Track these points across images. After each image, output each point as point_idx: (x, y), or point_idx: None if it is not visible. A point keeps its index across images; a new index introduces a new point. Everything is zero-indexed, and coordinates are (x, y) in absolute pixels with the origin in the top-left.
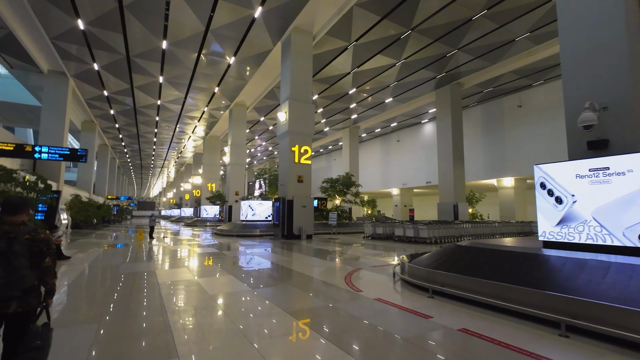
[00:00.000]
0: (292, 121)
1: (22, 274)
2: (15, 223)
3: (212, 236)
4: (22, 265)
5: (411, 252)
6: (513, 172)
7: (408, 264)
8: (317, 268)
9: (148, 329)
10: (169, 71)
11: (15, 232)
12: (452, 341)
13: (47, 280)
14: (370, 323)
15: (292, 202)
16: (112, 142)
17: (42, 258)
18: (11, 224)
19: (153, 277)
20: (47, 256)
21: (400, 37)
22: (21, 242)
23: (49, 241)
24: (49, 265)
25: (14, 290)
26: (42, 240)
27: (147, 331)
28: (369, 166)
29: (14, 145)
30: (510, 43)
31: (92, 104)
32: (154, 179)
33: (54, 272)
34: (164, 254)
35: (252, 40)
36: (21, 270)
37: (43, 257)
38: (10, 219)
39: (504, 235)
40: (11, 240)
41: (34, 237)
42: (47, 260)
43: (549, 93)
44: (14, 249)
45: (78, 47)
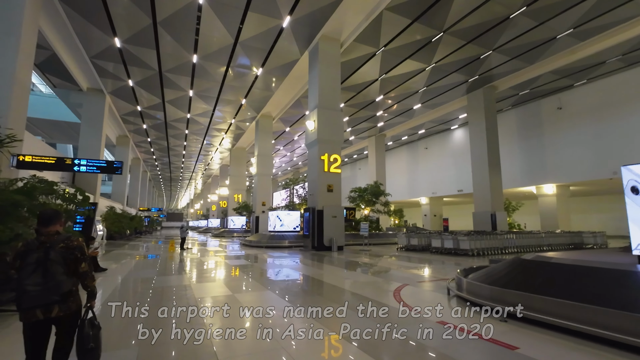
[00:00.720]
0: (321, 129)
1: (58, 280)
2: (49, 233)
3: (241, 247)
4: (57, 272)
5: (452, 264)
6: (554, 178)
7: (466, 280)
8: (360, 283)
9: (192, 356)
10: (199, 85)
11: (50, 241)
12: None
13: (87, 283)
14: (446, 355)
15: (322, 212)
16: (144, 155)
17: (78, 264)
18: (46, 235)
19: (189, 291)
20: (83, 261)
21: (432, 40)
22: (56, 250)
23: (82, 247)
24: (86, 270)
25: (53, 295)
26: (76, 247)
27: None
28: (395, 175)
29: (55, 159)
30: (551, 41)
31: (126, 119)
32: (182, 191)
33: (92, 275)
34: (196, 266)
35: (279, 50)
36: (57, 276)
37: (79, 263)
38: (45, 230)
39: (553, 247)
40: (47, 250)
41: (68, 245)
42: (84, 265)
43: (593, 93)
44: (50, 257)
45: (114, 64)
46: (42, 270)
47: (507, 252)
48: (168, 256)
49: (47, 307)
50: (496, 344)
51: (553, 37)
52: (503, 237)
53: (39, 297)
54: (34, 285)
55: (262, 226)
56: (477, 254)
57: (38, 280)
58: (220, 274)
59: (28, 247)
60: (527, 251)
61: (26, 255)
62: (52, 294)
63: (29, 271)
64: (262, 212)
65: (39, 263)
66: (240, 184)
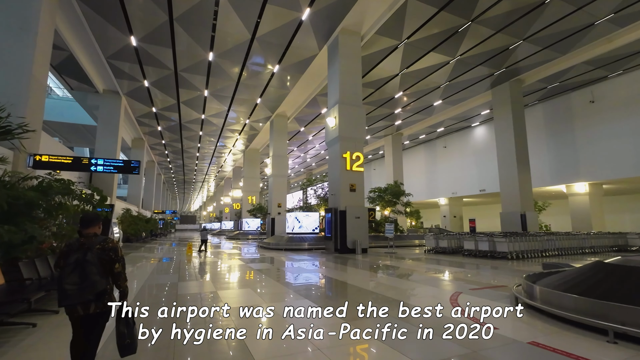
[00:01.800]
0: (342, 126)
1: (93, 280)
2: (89, 235)
3: (259, 250)
4: (92, 272)
5: (496, 269)
6: (587, 176)
7: (541, 288)
8: (405, 291)
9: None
10: (214, 84)
11: (89, 243)
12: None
13: (120, 283)
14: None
15: (345, 213)
16: (159, 158)
17: (112, 265)
18: (86, 236)
19: (217, 300)
20: (117, 262)
21: (458, 30)
22: (94, 251)
23: (117, 249)
24: (119, 271)
25: (88, 294)
26: (111, 248)
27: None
28: (412, 175)
29: (72, 158)
30: (588, 28)
31: (142, 121)
32: (195, 193)
33: (124, 276)
34: (218, 270)
35: (297, 45)
36: (92, 276)
37: (113, 263)
38: (86, 232)
39: (596, 249)
40: (85, 251)
41: (104, 247)
42: (117, 266)
43: (629, 84)
44: (87, 258)
45: (130, 64)
46: (79, 271)
47: (548, 255)
48: (186, 259)
49: (85, 305)
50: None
51: (591, 24)
52: (543, 239)
53: (75, 296)
54: (71, 285)
55: (278, 228)
56: (515, 257)
57: (75, 280)
58: (246, 280)
59: (70, 247)
60: (570, 254)
61: (68, 255)
62: (87, 293)
63: (68, 271)
64: (278, 213)
65: (77, 263)
66: (254, 185)
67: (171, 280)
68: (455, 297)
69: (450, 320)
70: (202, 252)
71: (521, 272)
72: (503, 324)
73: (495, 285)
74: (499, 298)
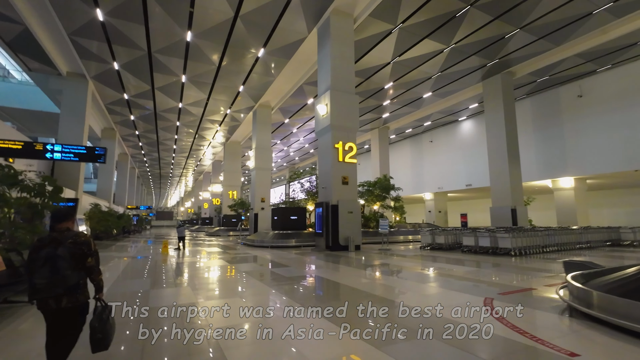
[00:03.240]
0: (334, 114)
1: (64, 274)
2: (61, 230)
3: (242, 248)
4: (63, 267)
5: (497, 266)
6: (574, 171)
7: (601, 295)
8: (430, 298)
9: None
10: (193, 68)
11: (60, 237)
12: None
13: (94, 277)
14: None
15: (337, 208)
16: (132, 150)
17: (85, 259)
18: (58, 231)
19: (197, 318)
20: (89, 256)
21: (456, 15)
22: (65, 246)
23: (89, 243)
24: (92, 265)
25: (58, 288)
26: (83, 242)
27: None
28: (398, 170)
29: (23, 144)
30: (586, 17)
31: (112, 109)
32: (172, 188)
33: (98, 270)
34: (198, 273)
35: (284, 27)
36: (63, 270)
37: (85, 257)
38: (58, 226)
39: (592, 245)
40: (56, 245)
41: (76, 241)
42: (90, 260)
43: (618, 79)
44: (57, 253)
45: (98, 43)
46: (50, 265)
47: (548, 251)
48: (162, 259)
49: (56, 299)
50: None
51: (589, 13)
52: (544, 234)
53: (45, 290)
54: (41, 279)
55: (262, 224)
56: (518, 254)
57: (46, 274)
58: (231, 286)
59: (41, 242)
60: (569, 249)
61: (39, 250)
62: (58, 286)
63: (38, 265)
64: (262, 209)
65: (48, 258)
66: (234, 180)
67: (142, 287)
68: (489, 304)
69: (512, 345)
70: (178, 249)
71: (535, 271)
72: (581, 347)
73: (525, 288)
74: (540, 305)
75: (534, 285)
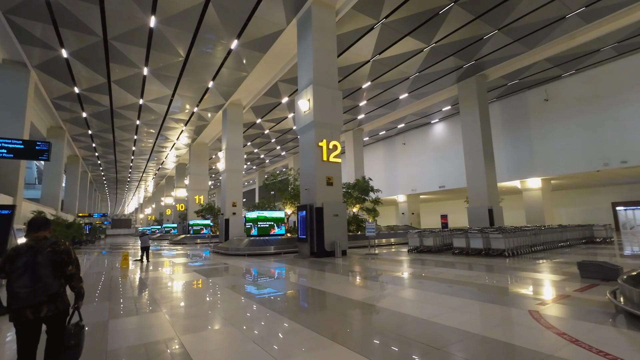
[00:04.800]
0: (317, 110)
1: (45, 282)
2: (38, 238)
3: (215, 257)
4: (44, 274)
5: (499, 269)
6: (541, 172)
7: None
8: (463, 314)
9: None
10: (156, 60)
11: (38, 246)
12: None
13: (74, 284)
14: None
15: (322, 210)
16: (84, 152)
17: (65, 267)
18: (35, 240)
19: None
20: (70, 264)
21: (439, 12)
22: (44, 254)
23: (69, 251)
24: (72, 272)
25: (40, 296)
26: (63, 251)
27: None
28: (371, 172)
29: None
30: (559, 21)
31: (60, 104)
32: (129, 194)
33: (79, 277)
34: (170, 292)
35: (261, 16)
36: (44, 278)
37: (66, 265)
38: (34, 235)
39: (570, 242)
40: (35, 253)
41: (55, 249)
42: (71, 267)
43: (581, 84)
44: (37, 261)
45: (42, 25)
46: (30, 273)
47: (536, 250)
48: (121, 275)
49: (36, 308)
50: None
51: (562, 17)
52: (532, 234)
53: (27, 298)
54: (22, 287)
55: (234, 230)
56: (511, 254)
57: (27, 283)
58: (218, 308)
59: (17, 251)
60: (553, 247)
61: (15, 259)
62: (40, 295)
63: (18, 274)
64: (233, 214)
65: (27, 266)
66: (201, 183)
67: (97, 317)
68: (540, 319)
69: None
70: (141, 262)
71: (545, 273)
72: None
73: (561, 295)
74: (599, 317)
75: (564, 291)
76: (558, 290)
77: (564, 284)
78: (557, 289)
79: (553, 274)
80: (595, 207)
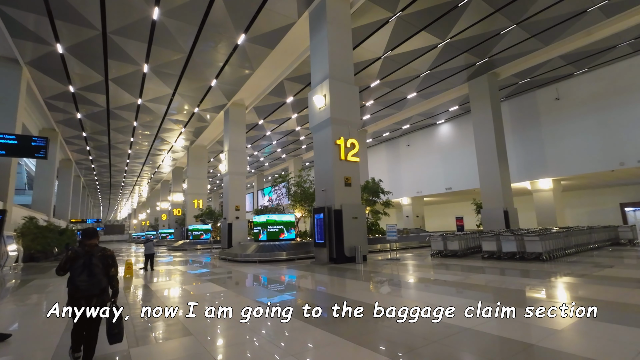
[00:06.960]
0: (334, 106)
1: (99, 279)
2: (91, 245)
3: (223, 264)
4: (99, 272)
5: (551, 276)
6: (552, 172)
7: None
8: (563, 337)
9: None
10: (158, 56)
11: (92, 250)
12: None
13: (114, 284)
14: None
15: (341, 213)
16: (77, 155)
17: (109, 269)
18: (89, 245)
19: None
20: (113, 267)
21: (459, 4)
22: (96, 257)
23: (113, 257)
24: (114, 274)
25: (95, 289)
26: (109, 255)
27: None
28: (374, 174)
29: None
30: (579, 15)
31: (53, 104)
32: (123, 199)
33: (117, 278)
34: (198, 309)
35: (271, 8)
36: (98, 276)
37: (110, 267)
38: (88, 242)
39: (599, 243)
40: (91, 256)
41: (104, 254)
42: (113, 270)
43: (594, 82)
44: (93, 262)
45: (36, 17)
46: (87, 271)
47: (569, 253)
48: (128, 287)
49: (88, 299)
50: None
51: (584, 10)
52: (565, 236)
53: (86, 290)
54: (82, 282)
55: (238, 235)
56: (548, 259)
57: (85, 278)
58: (265, 331)
59: (77, 254)
60: (585, 250)
61: (76, 259)
62: (94, 287)
63: (79, 271)
64: (236, 218)
65: (85, 265)
66: (200, 187)
67: (113, 346)
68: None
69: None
70: (145, 270)
71: (606, 279)
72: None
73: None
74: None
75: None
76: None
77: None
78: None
79: (616, 280)
80: (602, 208)
